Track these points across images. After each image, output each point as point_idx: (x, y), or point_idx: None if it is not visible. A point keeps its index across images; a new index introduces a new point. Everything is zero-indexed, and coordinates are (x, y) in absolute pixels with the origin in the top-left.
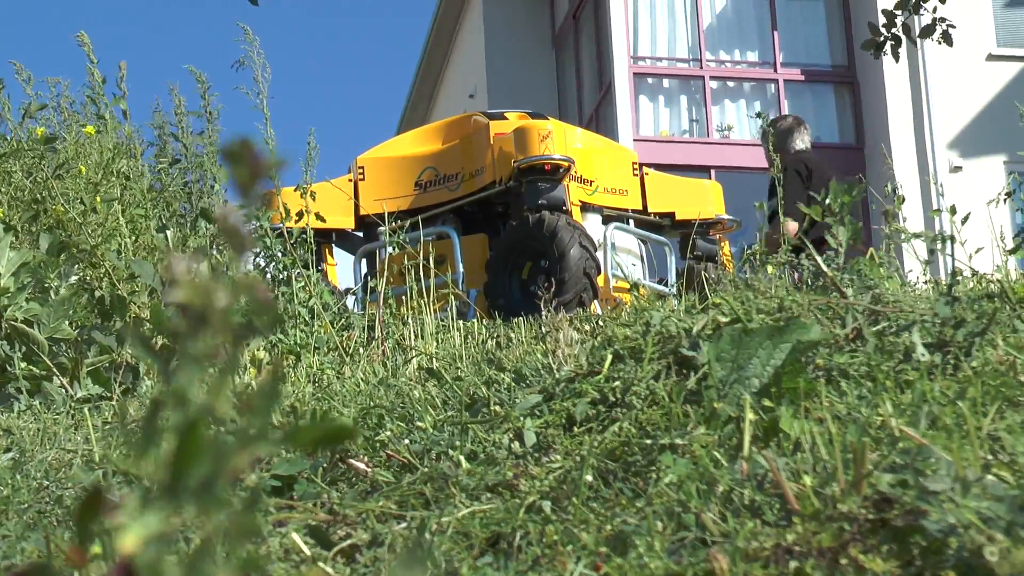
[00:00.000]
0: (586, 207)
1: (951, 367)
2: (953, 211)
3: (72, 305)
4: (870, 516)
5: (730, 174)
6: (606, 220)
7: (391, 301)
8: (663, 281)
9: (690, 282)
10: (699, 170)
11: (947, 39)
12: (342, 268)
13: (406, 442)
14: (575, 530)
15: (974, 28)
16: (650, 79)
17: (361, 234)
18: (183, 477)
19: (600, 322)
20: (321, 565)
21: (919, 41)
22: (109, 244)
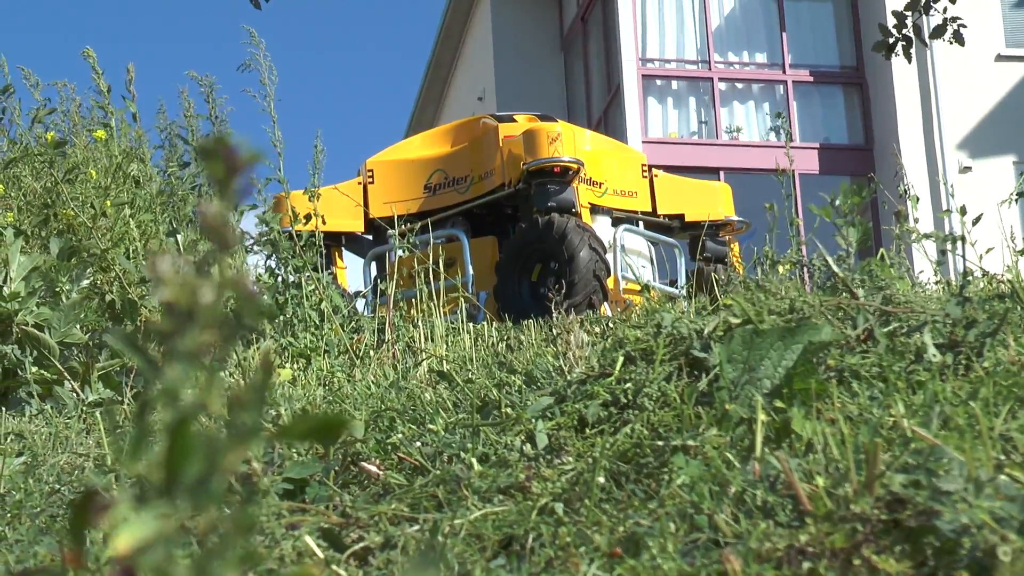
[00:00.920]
0: (595, 209)
1: (963, 367)
2: (963, 212)
3: (83, 309)
4: (883, 517)
5: (739, 175)
6: (615, 222)
7: (401, 304)
8: (673, 283)
9: (700, 284)
10: (708, 172)
11: (959, 39)
12: (352, 271)
13: (418, 445)
14: (588, 532)
15: (983, 29)
16: (659, 81)
17: (371, 237)
18: (177, 476)
19: (610, 324)
20: (334, 568)
21: (929, 41)
22: (119, 248)
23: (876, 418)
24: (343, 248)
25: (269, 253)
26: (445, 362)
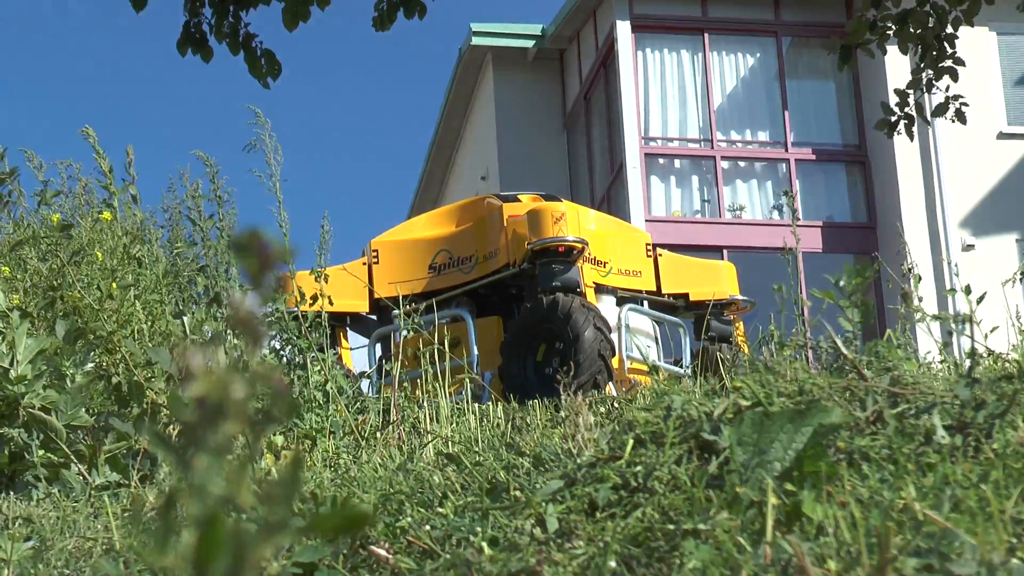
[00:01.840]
0: (600, 288)
1: (972, 449)
2: (968, 291)
3: (89, 392)
4: None
5: (743, 254)
6: (620, 301)
7: (406, 384)
8: (678, 362)
9: (705, 363)
10: (711, 250)
11: (961, 117)
12: (356, 351)
13: (427, 528)
14: None
15: (984, 106)
16: (661, 159)
17: (375, 317)
18: (206, 571)
19: (616, 404)
20: None
21: (931, 120)
22: (125, 330)
23: (887, 501)
24: (348, 328)
25: (274, 334)
26: (452, 444)
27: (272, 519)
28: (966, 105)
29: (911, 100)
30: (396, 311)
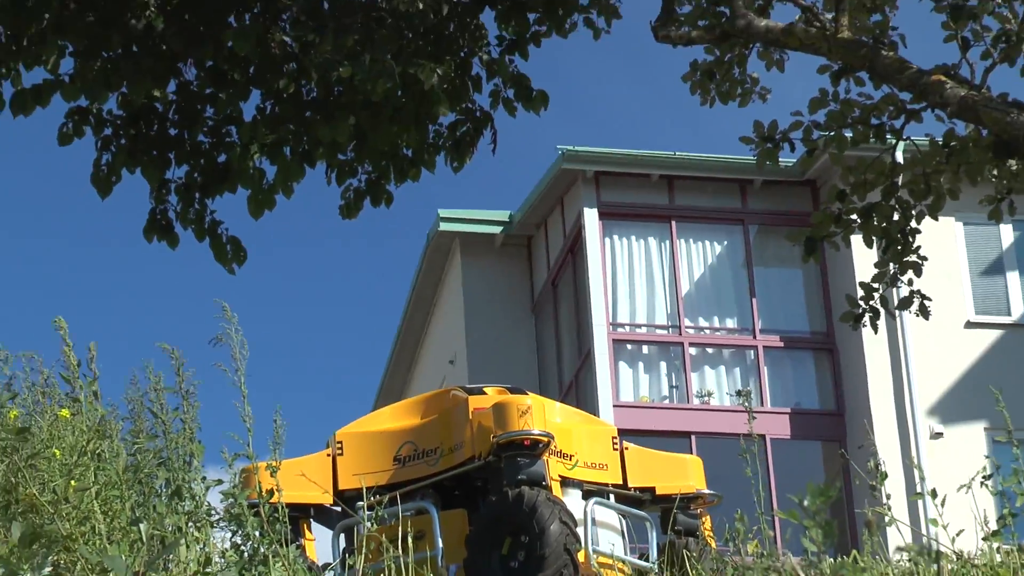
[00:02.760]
0: (566, 482)
1: None
2: (934, 495)
3: None
4: None
5: (710, 439)
6: (586, 495)
7: None
8: (644, 556)
9: (672, 558)
10: (679, 436)
11: (924, 312)
12: (320, 543)
13: None
14: None
15: (951, 296)
16: (629, 345)
17: (339, 509)
18: None
19: None
20: None
21: (897, 312)
22: (84, 527)
23: None
24: (311, 520)
25: (234, 529)
26: None
27: None
28: (929, 300)
29: (876, 294)
30: (360, 503)
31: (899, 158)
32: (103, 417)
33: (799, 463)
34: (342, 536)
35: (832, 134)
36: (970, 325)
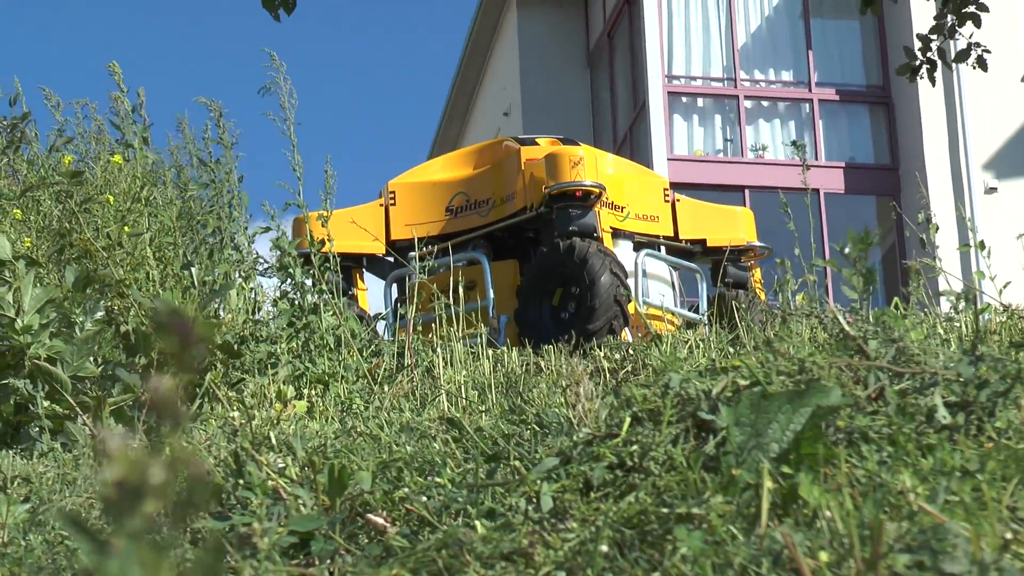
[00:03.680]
0: (617, 233)
1: (975, 428)
2: (982, 246)
3: (96, 342)
4: None
5: (764, 194)
6: (637, 247)
7: (419, 328)
8: (694, 308)
9: (721, 310)
10: (733, 190)
11: (982, 64)
12: (373, 293)
13: (423, 499)
14: None
15: (1008, 50)
16: (684, 98)
17: (392, 259)
18: None
19: (631, 351)
20: None
21: (954, 65)
22: (137, 273)
23: (882, 490)
24: (364, 269)
25: (283, 279)
26: (461, 397)
27: None
28: (988, 52)
29: (934, 46)
30: (412, 253)
31: None
32: (154, 163)
33: (853, 217)
34: (394, 286)
35: None
36: None
